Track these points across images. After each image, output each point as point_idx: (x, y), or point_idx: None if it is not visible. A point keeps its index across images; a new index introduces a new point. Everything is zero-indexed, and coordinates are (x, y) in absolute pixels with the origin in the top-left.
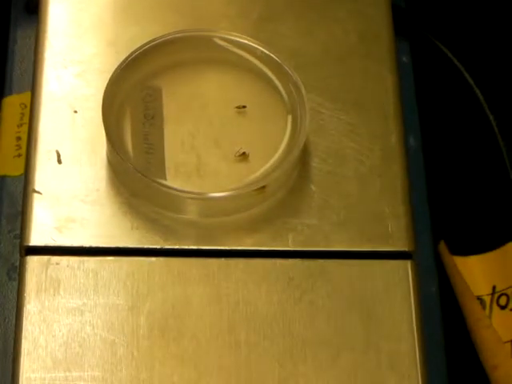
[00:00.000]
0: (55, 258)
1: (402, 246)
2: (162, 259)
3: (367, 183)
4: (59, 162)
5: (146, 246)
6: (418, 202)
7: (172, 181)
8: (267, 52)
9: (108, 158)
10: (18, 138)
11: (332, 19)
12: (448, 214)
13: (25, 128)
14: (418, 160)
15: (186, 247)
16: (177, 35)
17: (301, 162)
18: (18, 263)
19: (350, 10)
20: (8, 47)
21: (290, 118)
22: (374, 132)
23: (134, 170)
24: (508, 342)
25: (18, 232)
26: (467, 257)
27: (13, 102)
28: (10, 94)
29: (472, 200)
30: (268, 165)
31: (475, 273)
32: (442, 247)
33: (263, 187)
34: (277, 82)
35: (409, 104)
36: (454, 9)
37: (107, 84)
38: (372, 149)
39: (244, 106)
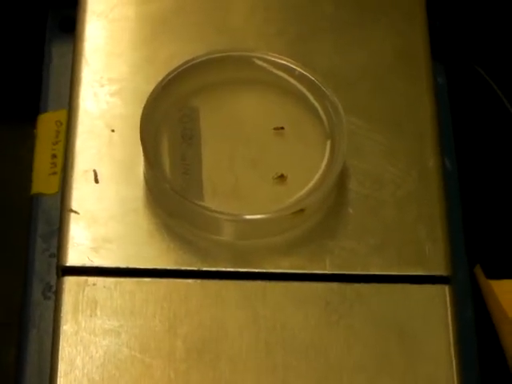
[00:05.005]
0: (92, 279)
1: (439, 270)
2: (198, 281)
3: (404, 207)
4: (96, 181)
5: (182, 268)
6: (454, 225)
7: (209, 202)
8: (305, 73)
9: (145, 177)
10: (54, 156)
11: (368, 39)
12: (483, 237)
13: (60, 146)
14: (453, 183)
15: (223, 269)
16: (215, 55)
17: (338, 185)
18: (52, 282)
19: (387, 30)
20: (43, 64)
21: (328, 142)
22: (411, 155)
23: (172, 191)
24: None
25: (53, 251)
26: (503, 280)
27: (48, 119)
28: (45, 111)
29: (507, 223)
30: (306, 188)
31: (511, 296)
32: (478, 271)
33: (301, 210)
34: (315, 104)
35: (444, 126)
36: (490, 29)
37: (146, 103)
38: (409, 172)
39: (282, 128)
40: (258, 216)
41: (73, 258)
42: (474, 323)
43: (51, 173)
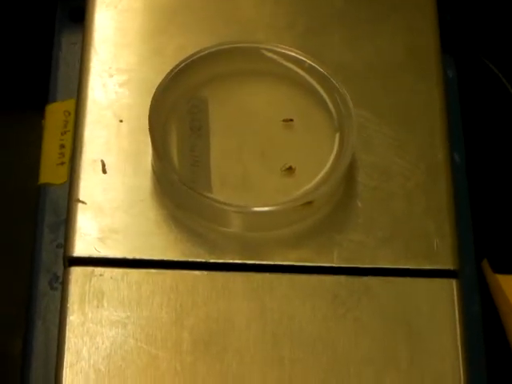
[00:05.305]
0: (99, 270)
1: (447, 264)
2: (206, 273)
3: (413, 200)
4: (104, 171)
5: (190, 259)
6: (461, 219)
7: (217, 193)
8: (315, 65)
9: (153, 168)
10: (62, 146)
11: (379, 32)
12: (491, 231)
13: (68, 136)
14: (461, 176)
15: (231, 261)
16: (225, 46)
17: (347, 178)
18: (59, 273)
19: (397, 24)
20: (52, 54)
21: (337, 135)
22: (420, 148)
23: (180, 182)
24: None
25: (60, 241)
26: (510, 275)
27: (56, 109)
28: (54, 100)
29: None
30: (315, 180)
31: None
32: (485, 265)
33: (310, 202)
34: (324, 96)
35: (453, 119)
36: (499, 22)
37: (154, 94)
38: (418, 165)
39: (291, 120)
40: (266, 208)
41: (80, 249)
42: (480, 317)
43: (59, 163)
